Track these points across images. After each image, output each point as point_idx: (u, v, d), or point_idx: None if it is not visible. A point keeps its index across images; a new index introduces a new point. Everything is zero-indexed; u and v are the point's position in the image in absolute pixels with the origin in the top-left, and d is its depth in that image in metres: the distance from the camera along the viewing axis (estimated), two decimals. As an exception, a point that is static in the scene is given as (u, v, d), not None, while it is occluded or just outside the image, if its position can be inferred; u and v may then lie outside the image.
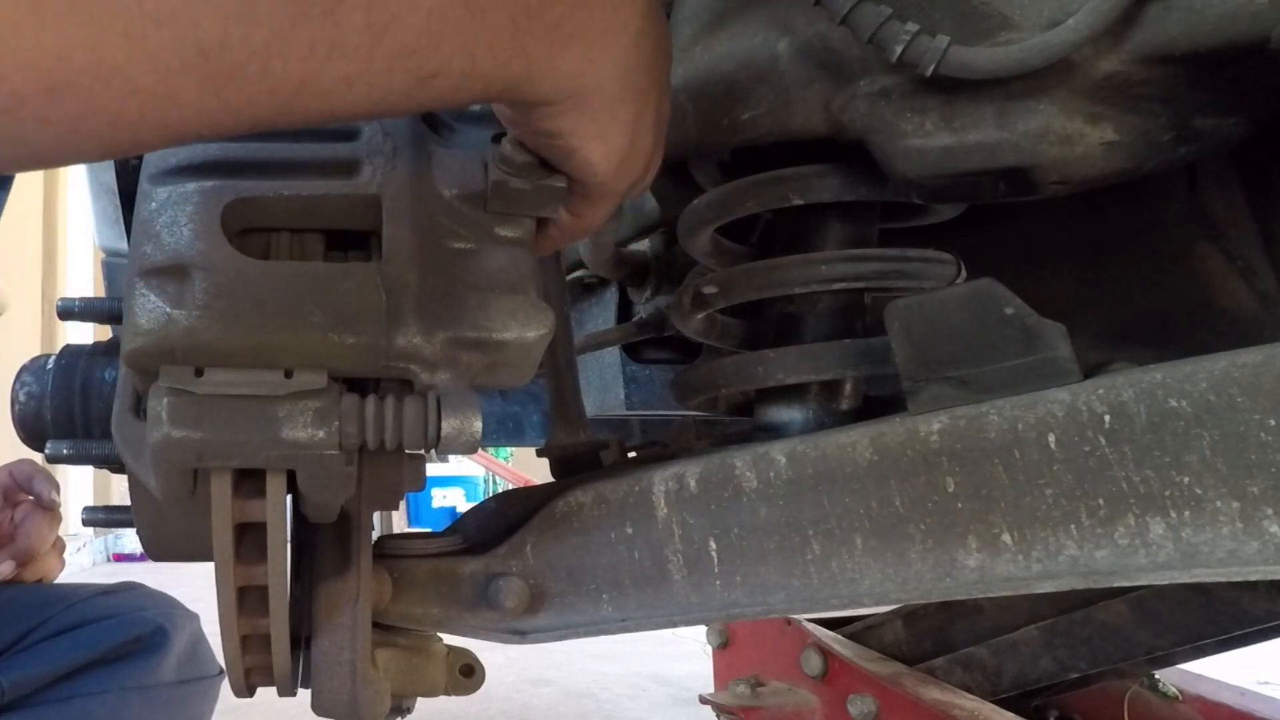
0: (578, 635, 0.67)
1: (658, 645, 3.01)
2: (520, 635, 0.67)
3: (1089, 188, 0.58)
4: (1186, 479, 0.47)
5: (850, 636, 1.40)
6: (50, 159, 0.38)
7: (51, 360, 0.68)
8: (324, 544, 0.63)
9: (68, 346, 0.69)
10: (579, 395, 0.83)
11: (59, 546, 1.21)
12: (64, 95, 0.35)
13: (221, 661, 0.63)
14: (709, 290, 0.74)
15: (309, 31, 0.37)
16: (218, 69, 0.36)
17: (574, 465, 0.79)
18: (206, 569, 0.57)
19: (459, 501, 7.37)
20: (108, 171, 0.95)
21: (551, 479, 0.79)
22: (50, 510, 1.16)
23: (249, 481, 0.54)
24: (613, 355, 1.13)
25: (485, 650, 0.70)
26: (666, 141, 0.58)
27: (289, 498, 0.56)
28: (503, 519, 0.72)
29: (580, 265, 1.03)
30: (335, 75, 0.39)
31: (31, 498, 1.17)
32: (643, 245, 1.00)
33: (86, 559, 5.36)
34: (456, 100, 0.44)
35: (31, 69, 0.33)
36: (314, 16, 0.37)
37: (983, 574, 0.53)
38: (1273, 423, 0.45)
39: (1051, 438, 0.51)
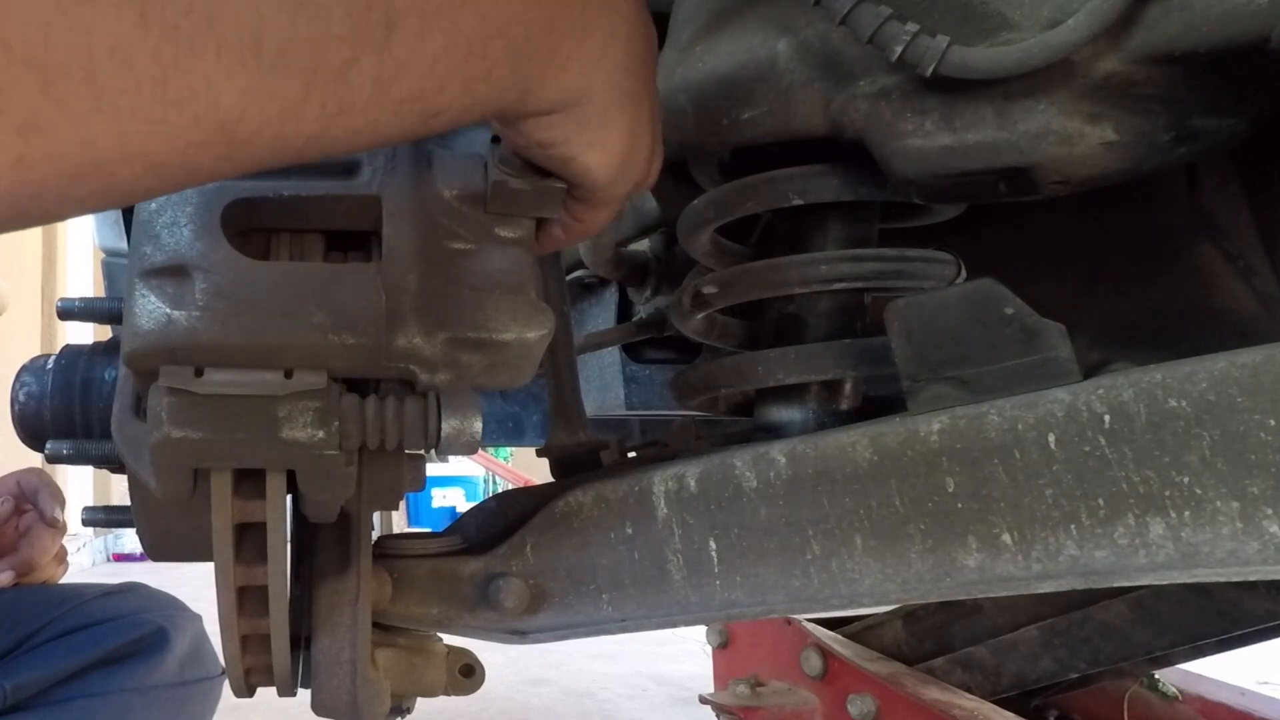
0: (578, 635, 0.67)
1: (658, 645, 3.01)
2: (520, 635, 0.67)
3: (1089, 188, 0.58)
4: (1186, 479, 0.47)
5: (850, 636, 1.40)
6: (59, 219, 0.39)
7: (51, 360, 0.68)
8: (324, 544, 0.63)
9: (68, 346, 0.69)
10: (579, 395, 0.83)
11: (61, 554, 1.22)
12: (88, 178, 0.35)
13: (223, 661, 0.63)
14: (709, 290, 0.74)
15: (321, 95, 0.38)
16: (234, 139, 0.37)
17: (574, 465, 0.79)
18: (207, 569, 0.57)
19: (459, 501, 7.37)
20: (108, 172, 0.95)
21: (551, 479, 0.79)
22: (53, 527, 1.18)
23: (249, 481, 0.54)
24: (613, 355, 1.13)
25: (485, 650, 0.70)
26: (666, 142, 0.58)
27: (289, 498, 0.56)
28: (503, 519, 0.72)
29: (580, 265, 1.03)
30: (343, 129, 0.40)
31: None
32: (643, 245, 1.00)
33: (86, 559, 5.36)
34: (453, 128, 0.45)
35: (57, 159, 0.34)
36: (326, 80, 0.38)
37: (983, 574, 0.53)
38: (1273, 423, 0.45)
39: (1051, 438, 0.51)
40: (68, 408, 0.66)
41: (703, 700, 1.46)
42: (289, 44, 0.36)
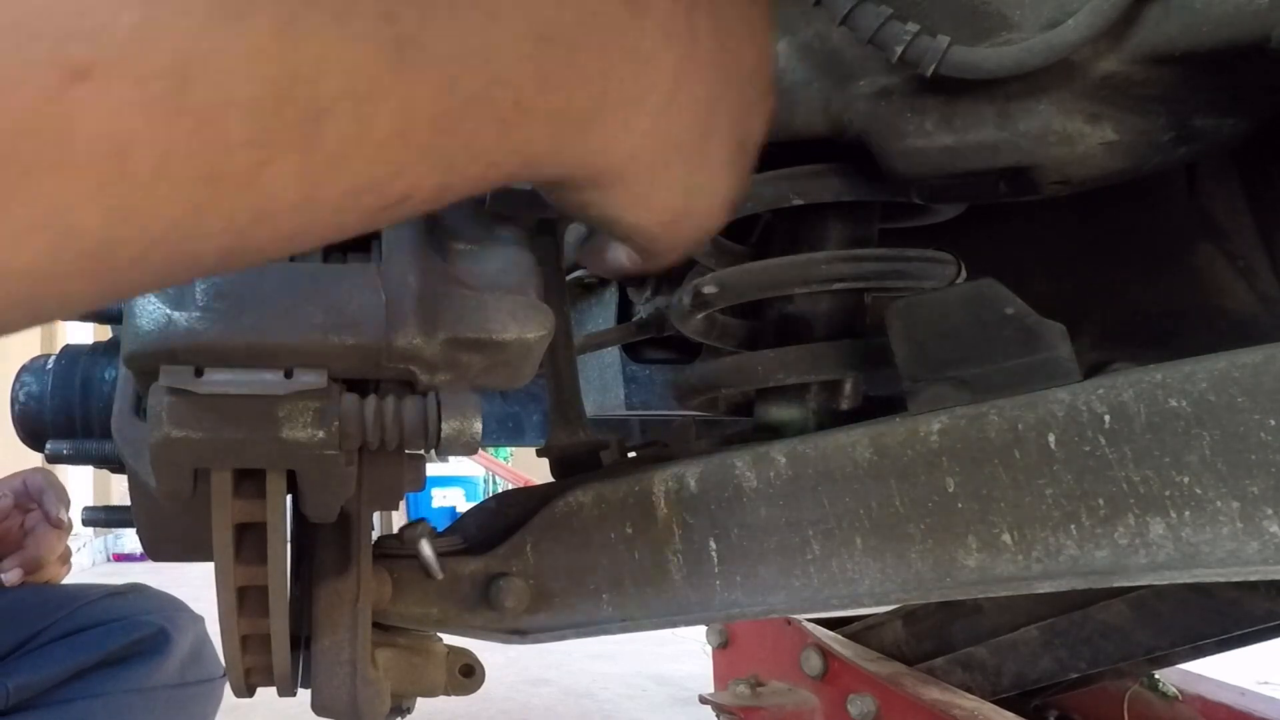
0: (578, 635, 0.67)
1: (658, 645, 3.01)
2: (520, 635, 0.67)
3: (1089, 188, 0.58)
4: (1186, 479, 0.47)
5: (850, 636, 1.40)
6: None
7: (51, 360, 0.68)
8: (324, 544, 0.63)
9: (68, 346, 0.69)
10: (579, 395, 0.83)
11: (65, 555, 1.23)
12: None
13: (223, 662, 0.63)
14: (709, 290, 0.74)
15: (226, 206, 0.30)
16: (110, 266, 0.30)
17: (574, 465, 0.79)
18: (207, 569, 0.57)
19: (459, 501, 7.37)
20: (108, 172, 0.95)
21: (551, 479, 0.79)
22: (58, 528, 1.19)
23: (249, 481, 0.54)
24: (613, 355, 1.13)
25: (485, 650, 0.70)
26: None
27: (289, 498, 0.56)
28: (503, 519, 0.72)
29: (580, 265, 1.03)
30: (266, 238, 0.32)
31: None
32: (643, 245, 1.00)
33: (87, 559, 5.36)
34: (434, 208, 0.37)
35: None
36: (228, 190, 0.30)
37: (983, 574, 0.54)
38: (1273, 423, 0.45)
39: (1051, 438, 0.51)
40: (68, 408, 0.66)
41: (703, 700, 1.46)
42: (168, 156, 0.28)
